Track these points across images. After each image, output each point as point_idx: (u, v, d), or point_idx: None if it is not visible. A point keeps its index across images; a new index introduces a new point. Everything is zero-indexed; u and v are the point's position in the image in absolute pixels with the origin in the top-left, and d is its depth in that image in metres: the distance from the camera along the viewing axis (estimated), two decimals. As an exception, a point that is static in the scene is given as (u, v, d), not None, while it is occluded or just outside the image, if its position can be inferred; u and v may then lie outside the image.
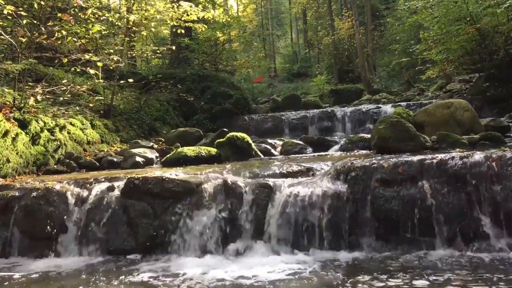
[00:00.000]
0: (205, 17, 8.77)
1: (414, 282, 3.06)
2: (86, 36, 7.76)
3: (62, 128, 6.53)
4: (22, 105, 6.32)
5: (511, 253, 3.53)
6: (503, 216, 3.68)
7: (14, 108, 6.13)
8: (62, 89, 7.35)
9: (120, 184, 4.52)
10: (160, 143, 8.19)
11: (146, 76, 11.67)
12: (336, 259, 3.70)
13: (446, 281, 3.04)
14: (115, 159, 6.50)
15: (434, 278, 3.12)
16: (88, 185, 4.64)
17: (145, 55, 15.51)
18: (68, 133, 6.67)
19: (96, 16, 7.64)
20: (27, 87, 6.81)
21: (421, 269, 3.34)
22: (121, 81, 8.32)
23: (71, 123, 6.83)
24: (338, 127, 10.77)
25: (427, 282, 3.04)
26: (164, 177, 4.37)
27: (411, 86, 17.42)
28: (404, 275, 3.22)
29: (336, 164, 4.58)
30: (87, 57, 6.94)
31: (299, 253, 3.88)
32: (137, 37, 9.93)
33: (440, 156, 4.11)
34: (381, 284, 3.05)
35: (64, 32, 6.90)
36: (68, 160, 6.24)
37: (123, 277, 3.49)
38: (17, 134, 5.57)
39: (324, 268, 3.48)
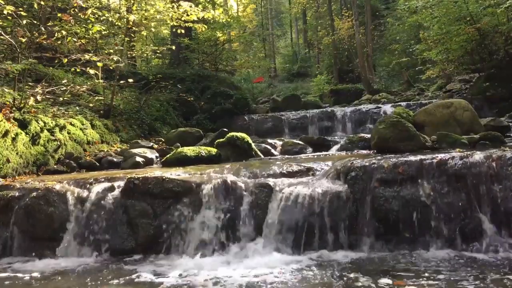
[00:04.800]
0: (205, 17, 8.77)
1: (414, 282, 3.07)
2: (86, 36, 7.76)
3: (62, 128, 6.53)
4: (22, 105, 6.32)
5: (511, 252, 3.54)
6: (503, 216, 3.68)
7: (14, 108, 6.13)
8: (62, 89, 7.35)
9: (120, 184, 4.51)
10: (160, 143, 8.19)
11: (146, 76, 11.67)
12: (336, 259, 3.70)
13: (446, 281, 3.05)
14: (115, 159, 6.50)
15: (434, 278, 3.12)
16: (88, 185, 4.64)
17: (145, 55, 15.54)
18: (68, 133, 6.67)
19: (96, 16, 7.64)
20: (27, 87, 6.81)
21: (421, 269, 3.34)
22: (121, 81, 8.31)
23: (71, 123, 6.83)
24: (338, 127, 10.77)
25: (427, 282, 3.04)
26: (164, 177, 4.37)
27: (411, 86, 17.44)
28: (404, 275, 3.22)
29: (336, 164, 4.58)
30: (87, 57, 6.94)
31: (299, 253, 3.88)
32: (137, 37, 9.94)
33: (440, 156, 4.11)
34: (381, 284, 3.05)
35: (64, 32, 6.91)
36: (68, 160, 6.24)
37: (123, 277, 3.49)
38: (17, 134, 5.57)
39: (324, 268, 3.48)
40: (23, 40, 6.44)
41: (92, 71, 7.17)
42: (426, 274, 3.20)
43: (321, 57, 30.22)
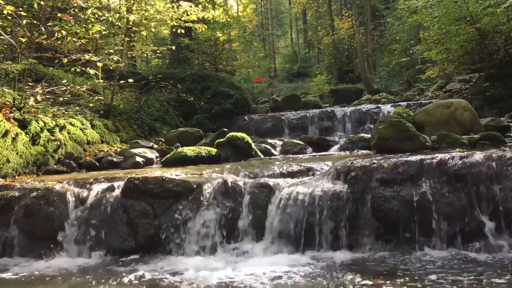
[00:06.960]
0: (205, 17, 8.77)
1: (414, 282, 3.06)
2: (86, 36, 7.75)
3: (62, 128, 6.53)
4: (22, 105, 6.32)
5: (511, 253, 3.54)
6: (503, 216, 3.68)
7: (14, 108, 6.13)
8: (62, 89, 7.35)
9: (120, 184, 4.51)
10: (160, 143, 8.19)
11: (146, 76, 11.67)
12: (336, 259, 3.70)
13: (446, 281, 3.04)
14: (115, 159, 6.50)
15: (434, 278, 3.12)
16: (88, 185, 4.64)
17: (145, 55, 15.53)
18: (68, 133, 6.67)
19: (96, 16, 7.64)
20: (27, 87, 6.81)
21: (421, 269, 3.34)
22: (121, 81, 8.31)
23: (71, 123, 6.83)
24: (338, 127, 10.76)
25: (427, 282, 3.04)
26: (164, 177, 4.37)
27: (411, 86, 17.42)
28: (404, 275, 3.22)
29: (336, 164, 4.58)
30: (87, 57, 6.94)
31: (299, 253, 3.88)
32: (137, 37, 9.92)
33: (440, 156, 4.11)
34: (371, 284, 3.05)
35: (64, 32, 6.90)
36: (68, 160, 6.24)
37: (123, 277, 3.49)
38: (17, 134, 5.57)
39: (324, 268, 3.49)
40: (23, 40, 6.44)
41: (92, 71, 7.17)
42: (426, 275, 3.20)
43: (321, 57, 30.23)
